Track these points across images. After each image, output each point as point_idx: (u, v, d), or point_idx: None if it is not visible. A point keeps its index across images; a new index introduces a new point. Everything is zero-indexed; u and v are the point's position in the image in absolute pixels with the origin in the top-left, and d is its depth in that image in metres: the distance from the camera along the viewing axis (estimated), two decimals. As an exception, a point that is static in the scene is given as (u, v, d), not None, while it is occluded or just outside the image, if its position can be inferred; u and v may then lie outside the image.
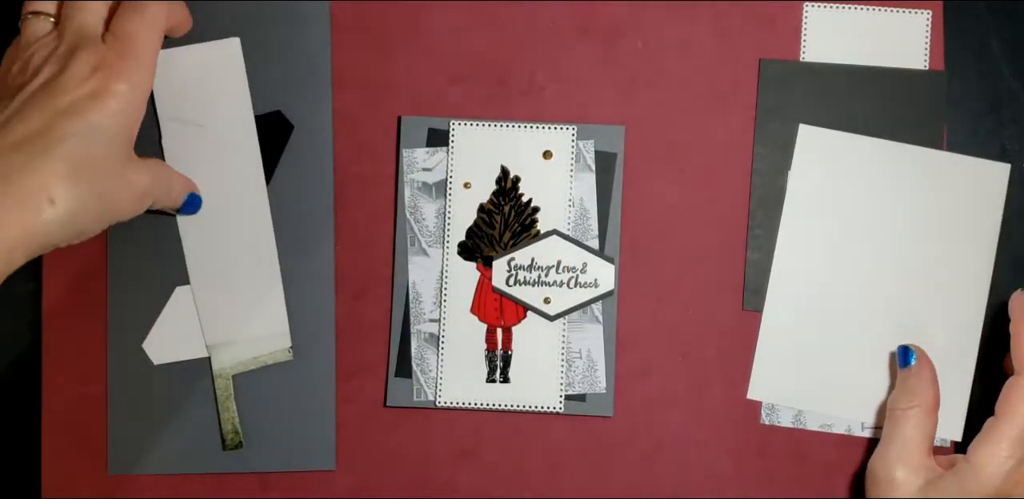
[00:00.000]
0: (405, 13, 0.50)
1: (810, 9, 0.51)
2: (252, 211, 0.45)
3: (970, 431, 0.50)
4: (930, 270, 0.50)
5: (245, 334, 0.44)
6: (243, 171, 0.46)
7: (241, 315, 0.44)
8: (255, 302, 0.44)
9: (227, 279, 0.44)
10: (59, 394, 0.49)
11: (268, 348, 0.44)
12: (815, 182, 0.50)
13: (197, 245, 0.45)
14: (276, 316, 0.44)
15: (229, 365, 0.44)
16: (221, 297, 0.45)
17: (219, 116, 0.46)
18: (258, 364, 0.44)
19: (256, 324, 0.44)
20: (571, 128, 0.50)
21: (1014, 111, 0.51)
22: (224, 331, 0.43)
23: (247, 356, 0.44)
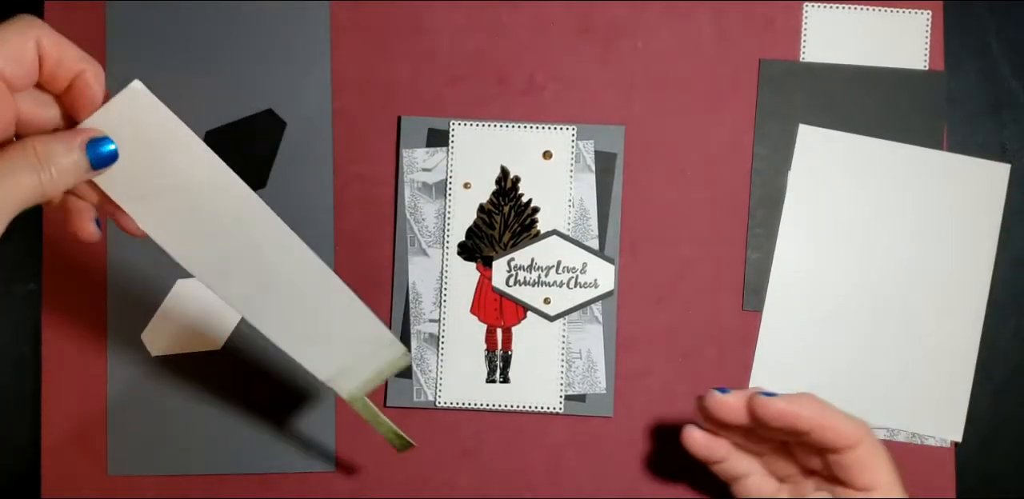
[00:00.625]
0: (405, 13, 0.50)
1: (810, 9, 0.51)
2: (278, 239, 0.41)
3: (970, 431, 0.50)
4: (930, 270, 0.50)
5: (353, 357, 0.41)
6: (244, 211, 0.41)
7: (338, 341, 0.41)
8: (345, 324, 0.41)
9: (302, 313, 0.41)
10: (59, 394, 0.49)
11: (385, 359, 0.41)
12: (815, 182, 0.50)
13: (254, 296, 0.41)
14: (372, 328, 0.41)
15: (356, 388, 0.41)
16: (307, 332, 0.41)
17: (183, 168, 0.38)
18: (383, 377, 0.41)
19: (359, 344, 0.41)
20: (571, 128, 0.50)
21: (1014, 111, 0.51)
22: (331, 363, 0.41)
23: (369, 374, 0.42)
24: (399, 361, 0.41)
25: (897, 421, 0.50)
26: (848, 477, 0.40)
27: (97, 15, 0.50)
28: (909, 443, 0.50)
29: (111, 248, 0.49)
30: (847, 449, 0.39)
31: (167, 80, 0.50)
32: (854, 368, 0.50)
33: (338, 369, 0.41)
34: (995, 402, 0.50)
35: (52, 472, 0.49)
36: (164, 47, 0.50)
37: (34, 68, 0.34)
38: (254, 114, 0.50)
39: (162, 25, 0.50)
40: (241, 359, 0.49)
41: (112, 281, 0.49)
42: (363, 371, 0.41)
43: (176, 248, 0.38)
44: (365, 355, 0.41)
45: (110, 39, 0.50)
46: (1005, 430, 0.51)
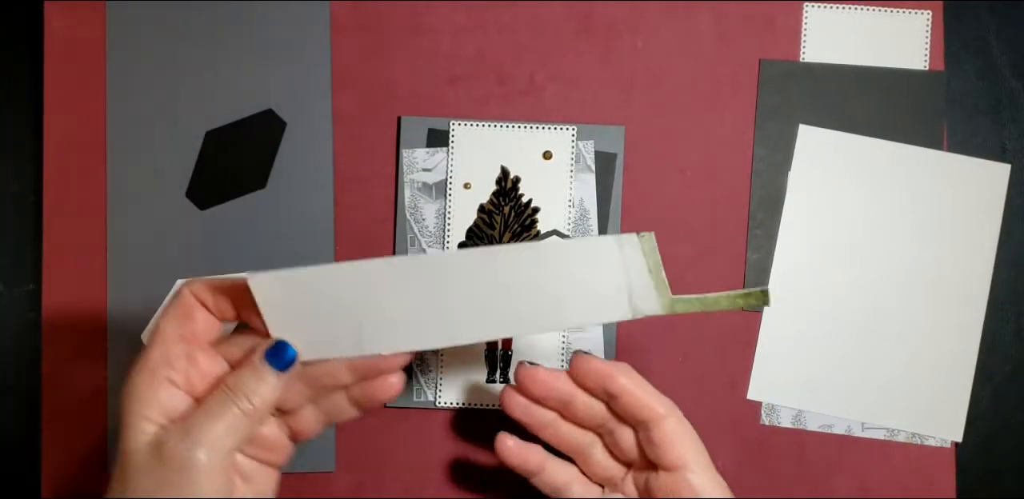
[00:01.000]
0: (405, 13, 0.50)
1: (810, 9, 0.51)
2: (446, 265, 0.39)
3: (970, 431, 0.50)
4: (930, 270, 0.50)
5: (618, 278, 0.38)
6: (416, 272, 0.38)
7: (591, 283, 0.36)
8: (571, 267, 0.38)
9: (535, 295, 0.39)
10: (59, 394, 0.49)
11: (635, 255, 0.39)
12: (815, 182, 0.50)
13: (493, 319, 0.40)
14: (594, 247, 0.37)
15: (656, 297, 0.37)
16: (555, 303, 0.39)
17: (352, 291, 0.38)
18: (658, 267, 0.38)
19: (605, 268, 0.38)
20: (571, 128, 0.50)
21: (1014, 111, 0.51)
22: (614, 300, 0.39)
23: (645, 279, 0.36)
24: (644, 242, 0.38)
25: (897, 421, 0.50)
26: (657, 456, 0.40)
27: (97, 15, 0.50)
28: (909, 443, 0.50)
29: (111, 248, 0.49)
30: (654, 423, 0.40)
31: (167, 80, 0.50)
32: (854, 368, 0.50)
33: (626, 300, 0.39)
34: (995, 402, 0.50)
35: (52, 472, 0.49)
36: (164, 47, 0.50)
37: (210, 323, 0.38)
38: (254, 114, 0.50)
39: (162, 25, 0.50)
40: (241, 359, 0.49)
41: (112, 281, 0.49)
42: (639, 281, 0.39)
43: (409, 342, 0.38)
44: (621, 268, 0.38)
45: (110, 39, 0.50)
46: (1005, 430, 0.51)
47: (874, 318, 0.50)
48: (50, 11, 0.50)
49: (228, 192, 0.50)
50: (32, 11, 0.50)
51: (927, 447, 0.50)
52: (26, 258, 0.50)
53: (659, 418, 0.40)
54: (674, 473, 0.40)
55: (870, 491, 0.50)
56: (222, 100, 0.50)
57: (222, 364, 0.38)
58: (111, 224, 0.49)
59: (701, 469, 0.40)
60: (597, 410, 0.42)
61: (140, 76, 0.50)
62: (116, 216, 0.49)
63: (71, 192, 0.49)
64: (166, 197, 0.49)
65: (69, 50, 0.49)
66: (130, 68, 0.50)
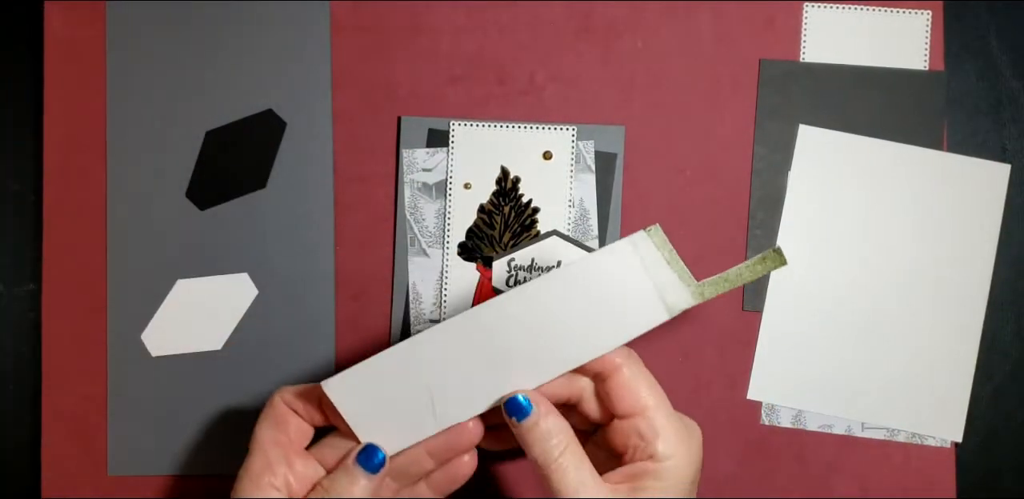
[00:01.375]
0: (405, 13, 0.50)
1: (810, 9, 0.51)
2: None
3: (970, 431, 0.50)
4: (930, 270, 0.50)
5: (643, 278, 0.39)
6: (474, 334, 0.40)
7: (621, 291, 0.39)
8: (599, 282, 0.40)
9: (552, 319, 0.39)
10: (59, 394, 0.49)
11: (649, 248, 0.39)
12: (815, 182, 0.50)
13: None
14: (611, 255, 0.39)
15: (684, 288, 0.39)
16: (592, 321, 0.40)
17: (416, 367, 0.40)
18: (674, 256, 0.39)
19: (623, 274, 0.39)
20: (571, 128, 0.50)
21: (1014, 111, 0.51)
22: (655, 298, 0.38)
23: (667, 272, 0.39)
24: (653, 236, 0.39)
25: (897, 421, 0.50)
26: (615, 407, 0.39)
27: (97, 15, 0.50)
28: (909, 443, 0.50)
29: (111, 248, 0.49)
30: (609, 375, 0.39)
31: (167, 80, 0.50)
32: (854, 368, 0.50)
33: (659, 300, 0.39)
34: (995, 402, 0.50)
35: (52, 472, 0.49)
36: (164, 47, 0.50)
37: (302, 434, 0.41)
38: (254, 114, 0.50)
39: (162, 25, 0.50)
40: (241, 359, 0.49)
41: (112, 281, 0.49)
42: (663, 276, 0.39)
43: (476, 402, 0.40)
44: (642, 270, 0.38)
45: (110, 39, 0.50)
46: (1005, 430, 0.51)
47: (874, 318, 0.50)
48: (50, 11, 0.50)
49: (228, 192, 0.50)
50: (32, 11, 0.50)
51: (927, 447, 0.50)
52: (26, 258, 0.50)
53: (612, 370, 0.39)
54: (633, 419, 0.39)
55: (870, 491, 0.50)
56: (222, 100, 0.50)
57: (317, 467, 0.40)
58: (111, 224, 0.49)
59: (659, 412, 0.39)
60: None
61: (140, 76, 0.50)
62: (116, 216, 0.49)
63: (71, 192, 0.49)
64: (166, 197, 0.49)
65: (69, 50, 0.49)
66: (130, 68, 0.50)
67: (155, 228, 0.49)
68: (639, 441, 0.39)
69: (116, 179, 0.49)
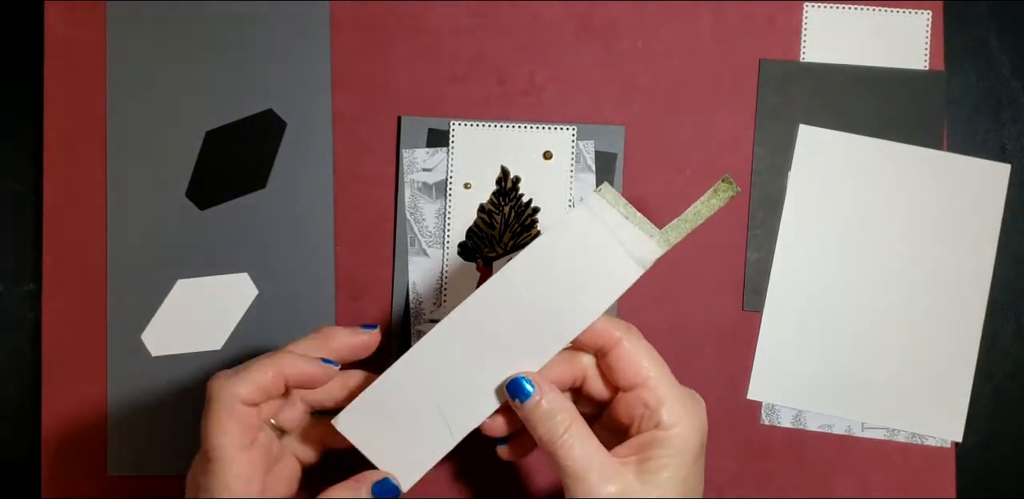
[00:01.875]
0: (405, 13, 0.50)
1: (810, 9, 0.51)
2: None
3: (970, 431, 0.50)
4: (930, 270, 0.50)
5: (609, 245, 0.39)
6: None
7: (592, 263, 0.39)
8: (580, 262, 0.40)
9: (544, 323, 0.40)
10: (59, 394, 0.49)
11: (607, 213, 0.39)
12: (815, 182, 0.50)
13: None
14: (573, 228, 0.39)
15: (646, 244, 0.39)
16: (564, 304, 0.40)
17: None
18: (630, 211, 0.39)
19: (594, 245, 0.39)
20: (571, 128, 0.50)
21: (1014, 111, 0.51)
22: (622, 266, 0.39)
23: (626, 227, 0.39)
24: (605, 194, 0.39)
25: (897, 421, 0.50)
26: (617, 380, 0.39)
27: (97, 15, 0.50)
28: (909, 443, 0.50)
29: (111, 248, 0.49)
30: (609, 349, 0.39)
31: (167, 80, 0.50)
32: (854, 368, 0.50)
33: (628, 256, 0.38)
34: (995, 402, 0.50)
35: (52, 472, 0.49)
36: (164, 47, 0.50)
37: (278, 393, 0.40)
38: (254, 114, 0.50)
39: (162, 25, 0.50)
40: (241, 359, 0.49)
41: (112, 281, 0.49)
42: (624, 232, 0.38)
43: (485, 404, 0.40)
44: (605, 229, 0.38)
45: (110, 39, 0.50)
46: (1005, 430, 0.51)
47: (874, 318, 0.50)
48: (50, 11, 0.50)
49: (228, 192, 0.50)
50: (32, 11, 0.50)
51: (927, 447, 0.50)
52: (26, 258, 0.50)
53: (612, 344, 0.39)
54: (636, 390, 0.39)
55: (870, 491, 0.50)
56: (222, 100, 0.50)
57: (293, 463, 0.43)
58: (111, 224, 0.49)
59: (661, 383, 0.39)
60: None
61: (140, 76, 0.50)
62: (116, 216, 0.49)
63: (71, 192, 0.49)
64: (166, 197, 0.49)
65: (69, 50, 0.49)
66: (130, 68, 0.50)
67: (155, 228, 0.49)
68: (644, 410, 0.39)
69: (116, 179, 0.49)
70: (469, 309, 0.39)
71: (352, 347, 0.42)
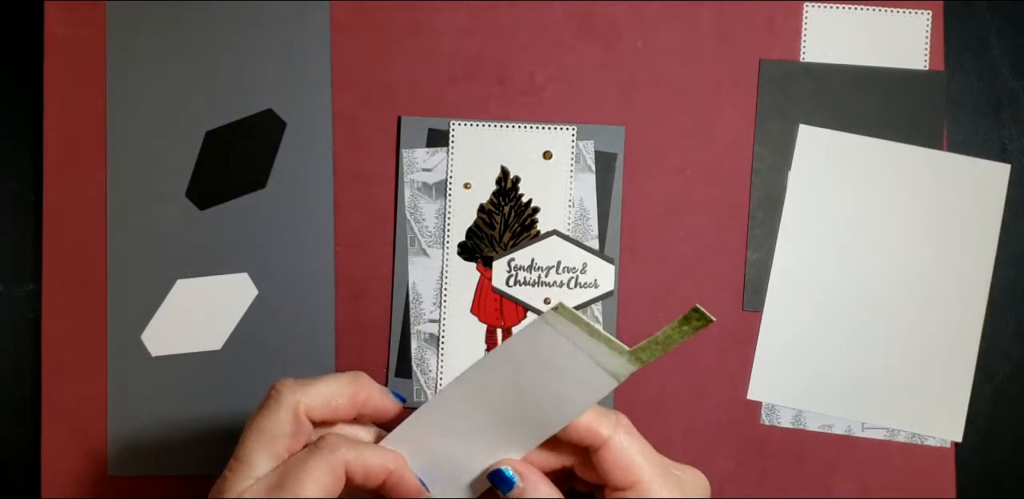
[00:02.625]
0: (405, 13, 0.50)
1: (810, 9, 0.51)
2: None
3: (970, 431, 0.50)
4: (930, 270, 0.50)
5: (575, 361, 0.37)
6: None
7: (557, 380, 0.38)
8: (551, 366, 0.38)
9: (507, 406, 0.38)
10: (59, 394, 0.49)
11: (571, 326, 0.37)
12: (815, 182, 0.50)
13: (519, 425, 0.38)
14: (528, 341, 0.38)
15: (614, 361, 0.37)
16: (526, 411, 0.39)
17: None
18: (597, 329, 0.36)
19: (557, 360, 0.37)
20: (571, 128, 0.50)
21: (1014, 111, 0.51)
22: (586, 382, 0.37)
23: (592, 344, 0.37)
24: (563, 313, 0.36)
25: (897, 421, 0.50)
26: (607, 480, 0.36)
27: (97, 15, 0.50)
28: (909, 443, 0.50)
29: (111, 248, 0.49)
30: (597, 448, 0.36)
31: (167, 80, 0.50)
32: (854, 368, 0.50)
33: (599, 369, 0.36)
34: (995, 402, 0.50)
35: (52, 472, 0.49)
36: (164, 47, 0.50)
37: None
38: (254, 114, 0.50)
39: (162, 25, 0.50)
40: (241, 359, 0.49)
41: (112, 281, 0.49)
42: (592, 347, 0.36)
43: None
44: (569, 344, 0.36)
45: (110, 39, 0.50)
46: (1005, 430, 0.51)
47: (874, 318, 0.50)
48: (50, 11, 0.50)
49: (228, 192, 0.50)
50: (32, 11, 0.50)
51: (927, 447, 0.50)
52: (26, 258, 0.50)
53: (599, 443, 0.36)
54: (625, 492, 0.36)
55: (870, 491, 0.50)
56: (222, 100, 0.50)
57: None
58: (111, 224, 0.49)
59: (654, 487, 0.36)
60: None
61: (140, 76, 0.50)
62: (116, 216, 0.49)
63: (71, 192, 0.49)
64: (166, 197, 0.49)
65: (69, 50, 0.49)
66: (130, 68, 0.50)
67: (155, 228, 0.49)
68: None
69: (116, 179, 0.49)
70: (450, 392, 0.37)
71: (376, 408, 0.38)
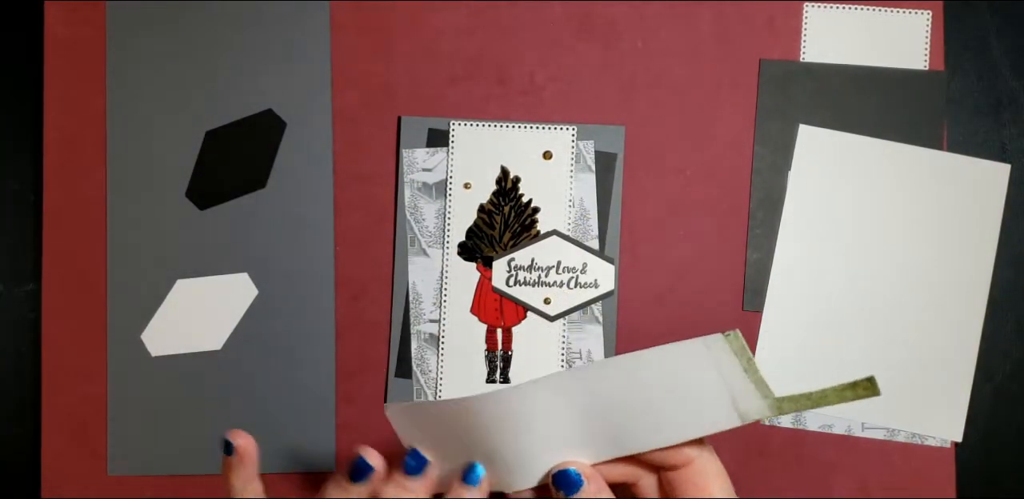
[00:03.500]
0: (405, 13, 0.50)
1: (810, 9, 0.51)
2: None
3: (970, 431, 0.50)
4: (930, 270, 0.50)
5: (714, 385, 0.36)
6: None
7: (693, 394, 0.36)
8: (674, 378, 0.37)
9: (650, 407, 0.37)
10: (59, 394, 0.49)
11: (727, 358, 0.36)
12: (815, 182, 0.50)
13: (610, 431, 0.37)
14: (682, 354, 0.36)
15: (760, 400, 0.36)
16: (670, 416, 0.37)
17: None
18: (754, 368, 0.34)
19: (697, 374, 0.36)
20: (571, 128, 0.50)
21: (1014, 111, 0.51)
22: (716, 407, 0.35)
23: (744, 382, 0.32)
24: (731, 342, 0.35)
25: (897, 421, 0.50)
26: (678, 496, 0.36)
27: (97, 15, 0.50)
28: (909, 443, 0.50)
29: (111, 248, 0.49)
30: (682, 468, 0.36)
31: (167, 80, 0.50)
32: (854, 368, 0.50)
33: (730, 404, 0.35)
34: (995, 402, 0.50)
35: (52, 472, 0.49)
36: (164, 47, 0.50)
37: None
38: (254, 114, 0.50)
39: (162, 25, 0.50)
40: (241, 359, 0.49)
41: (112, 281, 0.49)
42: (738, 384, 0.35)
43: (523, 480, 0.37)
44: (715, 372, 0.35)
45: (110, 39, 0.50)
46: (1005, 430, 0.51)
47: (874, 318, 0.50)
48: (50, 11, 0.50)
49: (228, 192, 0.50)
50: (32, 11, 0.50)
51: (927, 447, 0.50)
52: (26, 258, 0.50)
53: (685, 463, 0.36)
54: None
55: (870, 491, 0.50)
56: (222, 100, 0.50)
57: None
58: (111, 224, 0.49)
59: None
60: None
61: (140, 76, 0.50)
62: (116, 216, 0.49)
63: (71, 192, 0.49)
64: (166, 197, 0.49)
65: (69, 50, 0.49)
66: (130, 68, 0.50)
67: (155, 228, 0.49)
68: None
69: (116, 179, 0.49)
70: (546, 387, 0.36)
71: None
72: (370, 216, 0.50)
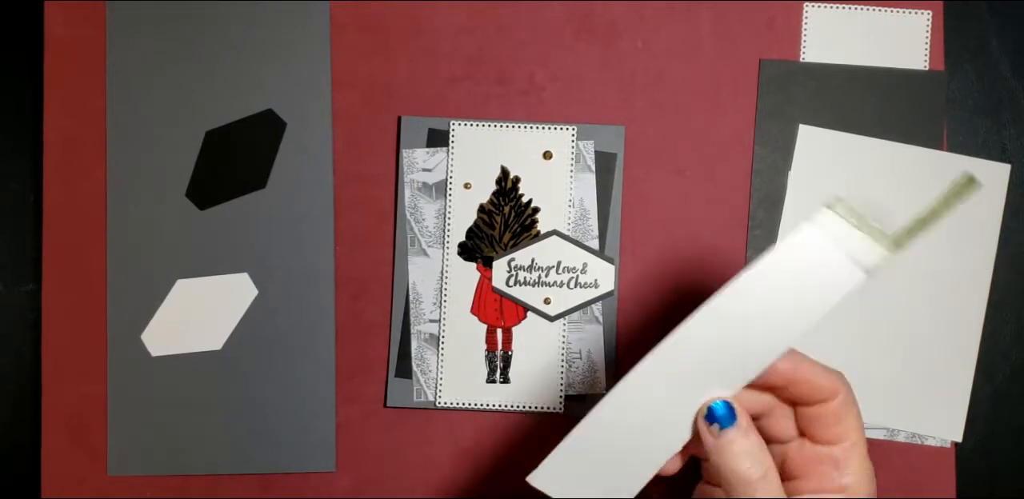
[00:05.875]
0: (405, 13, 0.50)
1: (810, 9, 0.51)
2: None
3: (970, 431, 0.50)
4: (930, 270, 0.50)
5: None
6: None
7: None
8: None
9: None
10: (59, 394, 0.49)
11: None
12: (815, 182, 0.50)
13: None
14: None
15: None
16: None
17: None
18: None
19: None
20: (571, 128, 0.50)
21: (1014, 111, 0.51)
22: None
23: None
24: (838, 208, 0.36)
25: (897, 421, 0.50)
26: (814, 430, 0.38)
27: (97, 15, 0.50)
28: (909, 443, 0.50)
29: (111, 248, 0.49)
30: (821, 403, 0.37)
31: (167, 80, 0.50)
32: (854, 368, 0.49)
33: (850, 265, 0.35)
34: (995, 402, 0.50)
35: (52, 472, 0.49)
36: (164, 47, 0.50)
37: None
38: (254, 114, 0.50)
39: (162, 25, 0.50)
40: (241, 359, 0.49)
41: (112, 281, 0.49)
42: (852, 242, 0.35)
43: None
44: (830, 242, 0.35)
45: (110, 39, 0.50)
46: (1005, 430, 0.51)
47: (874, 318, 0.50)
48: (50, 11, 0.50)
49: (228, 192, 0.50)
50: (32, 11, 0.50)
51: (927, 447, 0.50)
52: (26, 258, 0.50)
53: (827, 398, 0.37)
54: (829, 447, 0.37)
55: (870, 491, 0.50)
56: (222, 100, 0.50)
57: None
58: (111, 224, 0.49)
59: (858, 447, 0.37)
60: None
61: (140, 76, 0.50)
62: (116, 216, 0.49)
63: (71, 192, 0.49)
64: (166, 197, 0.49)
65: (69, 50, 0.49)
66: (130, 68, 0.50)
67: (155, 228, 0.49)
68: (832, 470, 0.37)
69: (116, 179, 0.49)
70: (678, 341, 0.37)
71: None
72: (370, 216, 0.50)
